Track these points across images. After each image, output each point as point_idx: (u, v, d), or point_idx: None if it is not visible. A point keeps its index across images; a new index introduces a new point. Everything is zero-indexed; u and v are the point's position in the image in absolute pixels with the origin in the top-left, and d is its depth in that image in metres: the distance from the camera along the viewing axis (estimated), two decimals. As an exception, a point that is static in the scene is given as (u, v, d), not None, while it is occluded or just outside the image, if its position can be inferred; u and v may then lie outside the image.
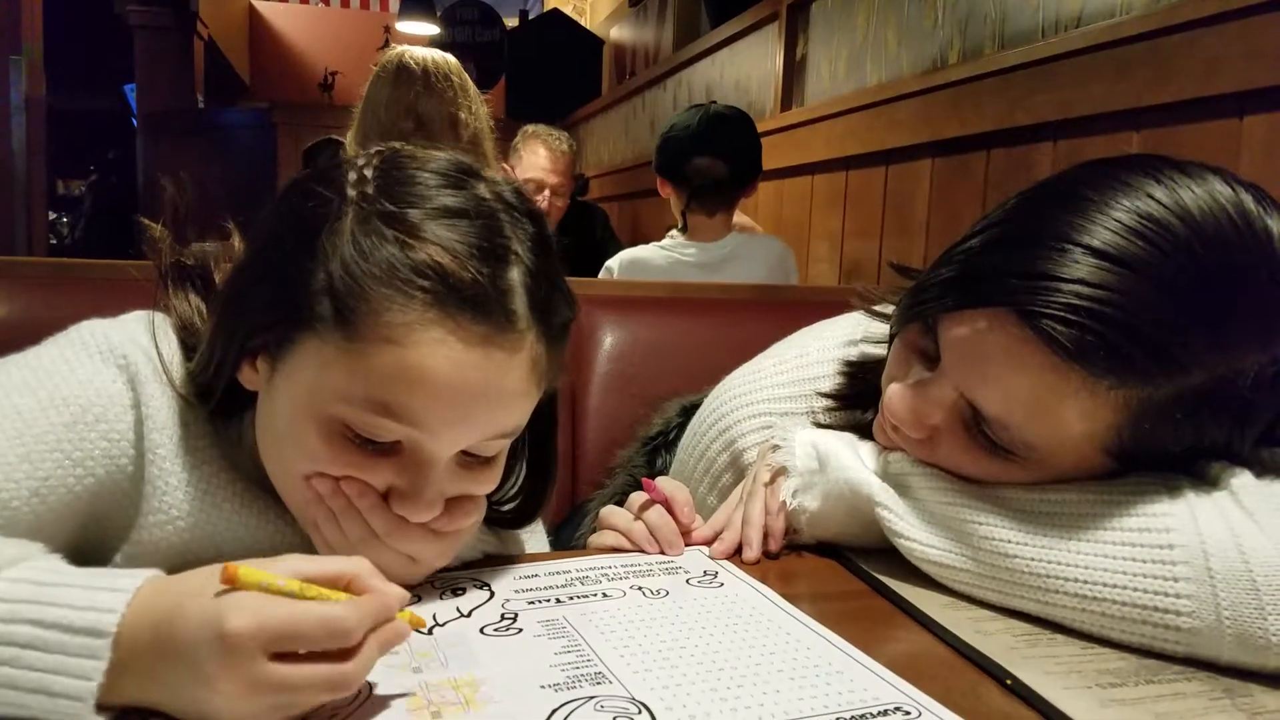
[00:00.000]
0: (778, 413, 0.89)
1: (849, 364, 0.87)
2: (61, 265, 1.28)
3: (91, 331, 0.69)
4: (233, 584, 0.48)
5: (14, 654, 0.47)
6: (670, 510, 0.77)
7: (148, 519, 0.66)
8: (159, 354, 0.68)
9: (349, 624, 0.49)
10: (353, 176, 0.63)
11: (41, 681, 0.46)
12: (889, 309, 0.81)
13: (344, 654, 0.49)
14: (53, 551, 0.57)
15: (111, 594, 0.48)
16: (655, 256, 2.21)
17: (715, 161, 2.15)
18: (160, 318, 0.71)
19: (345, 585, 0.52)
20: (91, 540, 0.67)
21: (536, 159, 2.86)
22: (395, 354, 0.58)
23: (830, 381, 0.88)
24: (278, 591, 0.48)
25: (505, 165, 2.96)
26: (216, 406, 0.69)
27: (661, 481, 0.78)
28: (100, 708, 0.47)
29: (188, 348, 0.70)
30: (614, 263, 2.25)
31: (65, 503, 0.64)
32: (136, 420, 0.66)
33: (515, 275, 0.61)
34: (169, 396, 0.68)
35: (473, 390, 0.60)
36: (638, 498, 0.79)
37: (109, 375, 0.67)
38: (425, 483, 0.62)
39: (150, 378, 0.67)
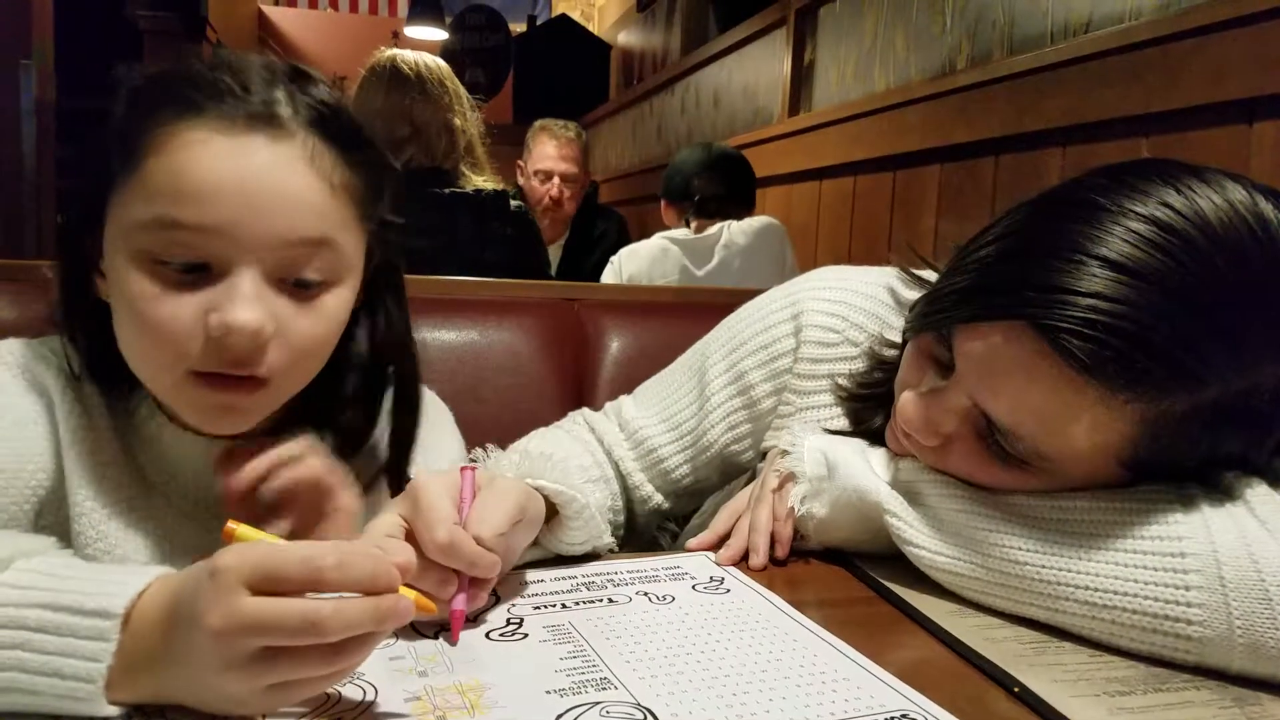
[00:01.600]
0: (850, 319, 0.89)
1: (875, 354, 0.86)
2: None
3: (10, 350, 0.71)
4: (229, 539, 0.49)
5: (25, 637, 0.47)
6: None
7: (78, 540, 0.68)
8: (65, 353, 0.71)
9: (328, 561, 0.47)
10: (125, 74, 0.70)
11: (50, 664, 0.46)
12: (927, 273, 0.81)
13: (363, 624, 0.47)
14: (65, 548, 0.57)
15: (121, 583, 0.49)
16: (651, 241, 2.38)
17: (717, 181, 2.40)
18: (59, 309, 0.73)
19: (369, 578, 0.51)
20: None
21: (544, 149, 2.91)
22: (164, 163, 0.63)
23: (890, 311, 0.88)
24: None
25: (519, 163, 3.00)
26: (115, 377, 0.70)
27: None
28: (114, 702, 0.47)
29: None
30: (615, 257, 2.39)
31: (27, 499, 0.67)
32: (56, 435, 0.68)
33: (282, 93, 0.66)
34: (77, 410, 0.69)
35: (246, 178, 0.63)
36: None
37: (34, 394, 0.69)
38: (236, 292, 0.63)
39: (60, 393, 0.69)
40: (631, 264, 2.33)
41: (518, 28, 6.60)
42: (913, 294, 0.82)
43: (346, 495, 0.68)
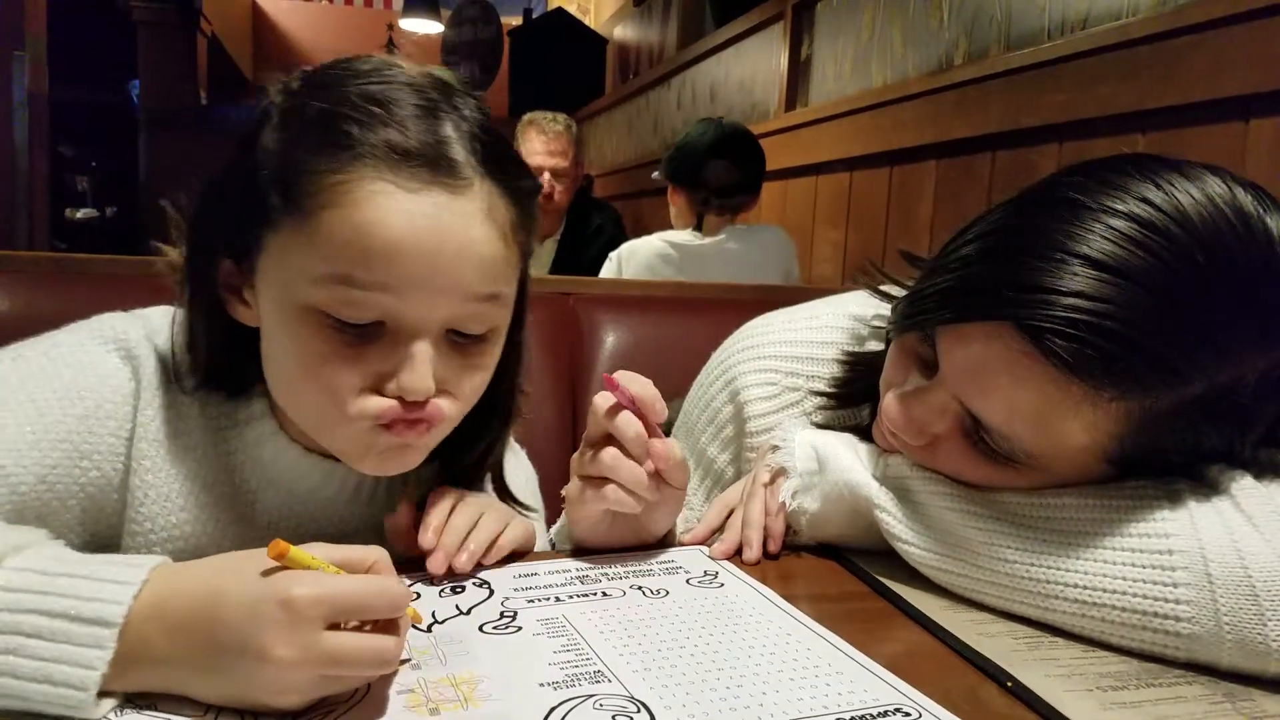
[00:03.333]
0: (783, 370, 0.89)
1: (850, 354, 0.86)
2: (63, 260, 1.27)
3: (112, 325, 0.69)
4: (282, 560, 0.49)
5: (19, 643, 0.46)
6: (639, 412, 0.69)
7: (130, 527, 0.68)
8: (173, 353, 0.69)
9: (401, 595, 0.51)
10: (278, 87, 0.65)
11: (44, 670, 0.46)
12: (894, 289, 0.80)
13: (385, 630, 0.50)
14: (56, 539, 0.57)
15: (116, 585, 0.48)
16: (653, 242, 2.32)
17: (730, 167, 2.29)
18: (181, 314, 0.70)
19: (367, 570, 0.53)
20: (99, 530, 0.68)
21: (532, 145, 2.86)
22: (342, 217, 0.59)
23: (835, 349, 0.88)
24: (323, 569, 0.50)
25: None
26: (227, 388, 0.69)
27: (624, 377, 0.70)
28: (103, 694, 0.47)
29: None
30: (615, 254, 2.34)
31: (71, 493, 0.65)
32: (133, 426, 0.67)
33: (450, 129, 0.62)
34: (167, 404, 0.69)
35: (428, 238, 0.59)
36: (603, 401, 0.70)
37: (123, 374, 0.68)
38: (412, 356, 0.61)
39: (154, 383, 0.68)
40: (630, 266, 2.29)
41: (513, 21, 6.58)
42: (883, 309, 0.82)
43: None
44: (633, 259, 2.30)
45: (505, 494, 0.80)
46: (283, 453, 0.71)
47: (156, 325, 0.71)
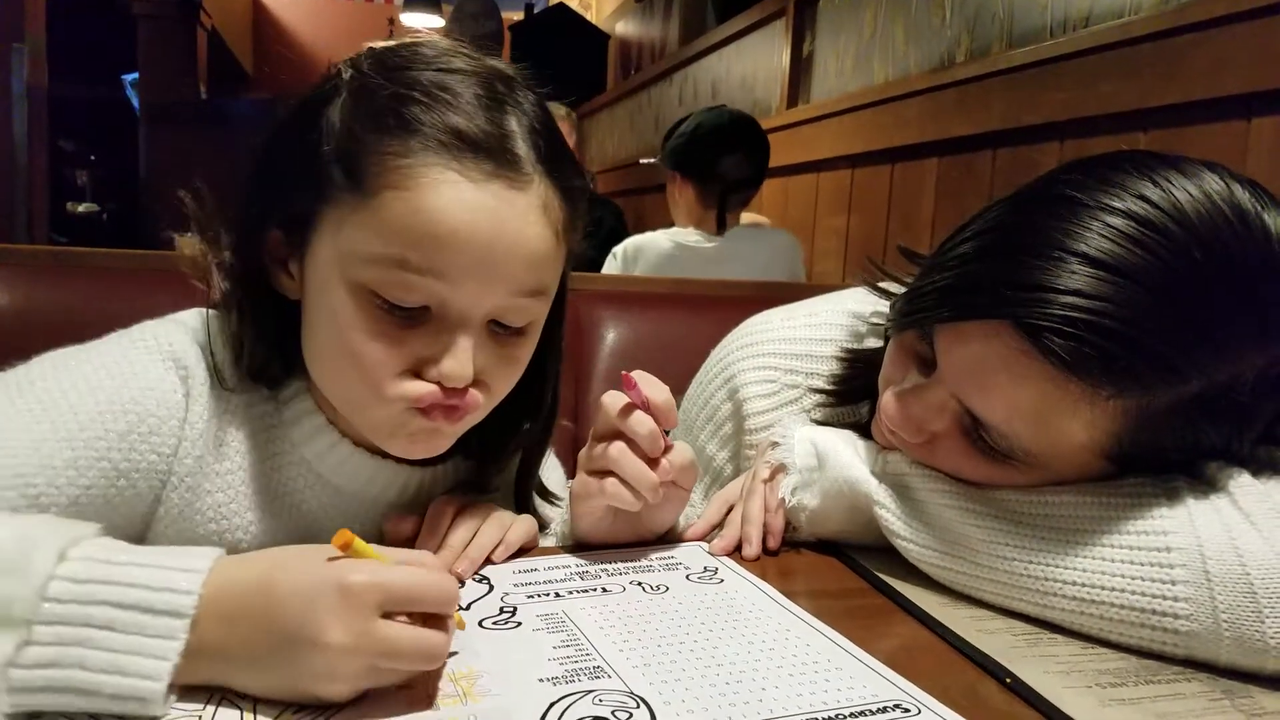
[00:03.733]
0: (782, 367, 0.89)
1: (849, 351, 0.86)
2: (62, 254, 1.27)
3: (156, 335, 0.68)
4: (346, 550, 0.50)
5: (88, 634, 0.46)
6: (651, 413, 0.70)
7: (157, 529, 0.67)
8: (213, 357, 0.68)
9: (453, 591, 0.52)
10: (347, 64, 0.65)
11: (116, 662, 0.46)
12: (893, 287, 0.80)
13: (432, 626, 0.51)
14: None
15: (186, 574, 0.48)
16: (660, 240, 2.24)
17: (744, 161, 2.22)
18: (214, 316, 0.70)
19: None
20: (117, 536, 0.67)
21: None
22: (404, 200, 0.59)
23: (834, 347, 0.88)
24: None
25: None
26: (270, 377, 0.69)
27: (642, 380, 0.70)
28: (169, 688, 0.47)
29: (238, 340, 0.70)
30: (619, 249, 2.26)
31: (100, 513, 0.63)
32: (178, 442, 0.66)
33: (514, 122, 0.62)
34: (214, 412, 0.68)
35: (486, 230, 0.60)
36: (615, 400, 0.70)
37: (170, 384, 0.66)
38: (456, 344, 0.62)
39: (203, 392, 0.67)
40: (637, 266, 2.23)
41: (515, 16, 6.57)
42: (881, 307, 0.82)
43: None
44: (639, 258, 2.24)
45: (542, 492, 0.80)
46: (332, 449, 0.70)
47: (196, 328, 0.70)
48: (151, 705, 0.46)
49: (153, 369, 0.66)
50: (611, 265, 2.31)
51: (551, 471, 0.87)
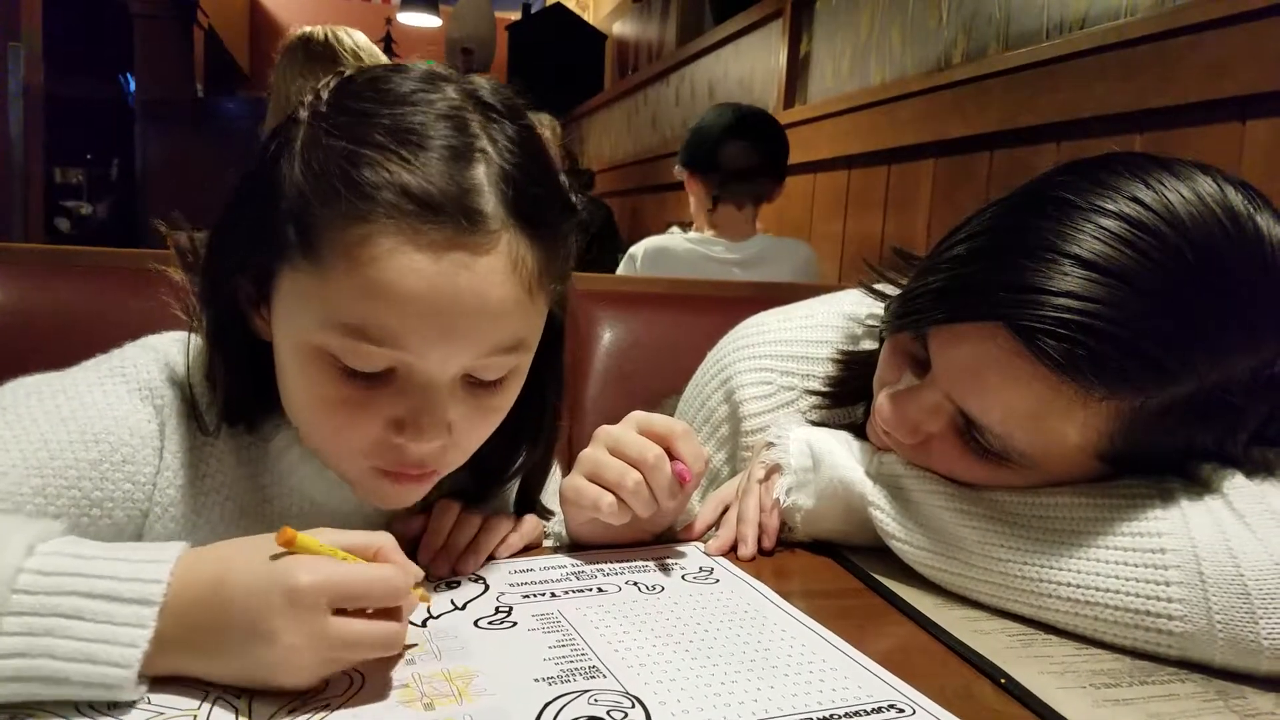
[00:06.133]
0: (778, 369, 0.90)
1: (845, 353, 0.86)
2: (58, 253, 1.27)
3: (135, 364, 0.67)
4: (290, 547, 0.50)
5: (56, 624, 0.46)
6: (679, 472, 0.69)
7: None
8: (191, 390, 0.67)
9: (401, 584, 0.52)
10: (309, 99, 0.61)
11: (85, 650, 0.46)
12: (888, 288, 0.81)
13: (388, 615, 0.51)
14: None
15: (154, 564, 0.49)
16: (680, 247, 2.18)
17: (747, 148, 2.15)
18: (195, 341, 0.69)
19: (373, 556, 0.54)
20: None
21: None
22: (356, 272, 0.56)
23: (830, 348, 0.88)
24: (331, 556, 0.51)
25: None
26: (248, 418, 0.68)
27: (690, 456, 0.70)
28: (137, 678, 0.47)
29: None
30: (638, 250, 2.20)
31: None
32: (157, 467, 0.66)
33: (481, 173, 0.57)
34: (192, 444, 0.67)
35: (445, 301, 0.56)
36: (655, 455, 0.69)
37: (144, 415, 0.65)
38: (424, 408, 0.59)
39: (178, 423, 0.66)
40: (657, 269, 2.14)
41: (512, 16, 6.56)
42: (877, 308, 0.82)
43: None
44: (659, 263, 2.15)
45: (542, 512, 0.80)
46: (321, 474, 0.69)
47: (173, 358, 0.69)
48: (121, 692, 0.47)
49: (126, 400, 0.65)
50: (629, 266, 2.23)
51: (551, 482, 0.86)
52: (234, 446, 0.69)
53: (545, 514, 0.81)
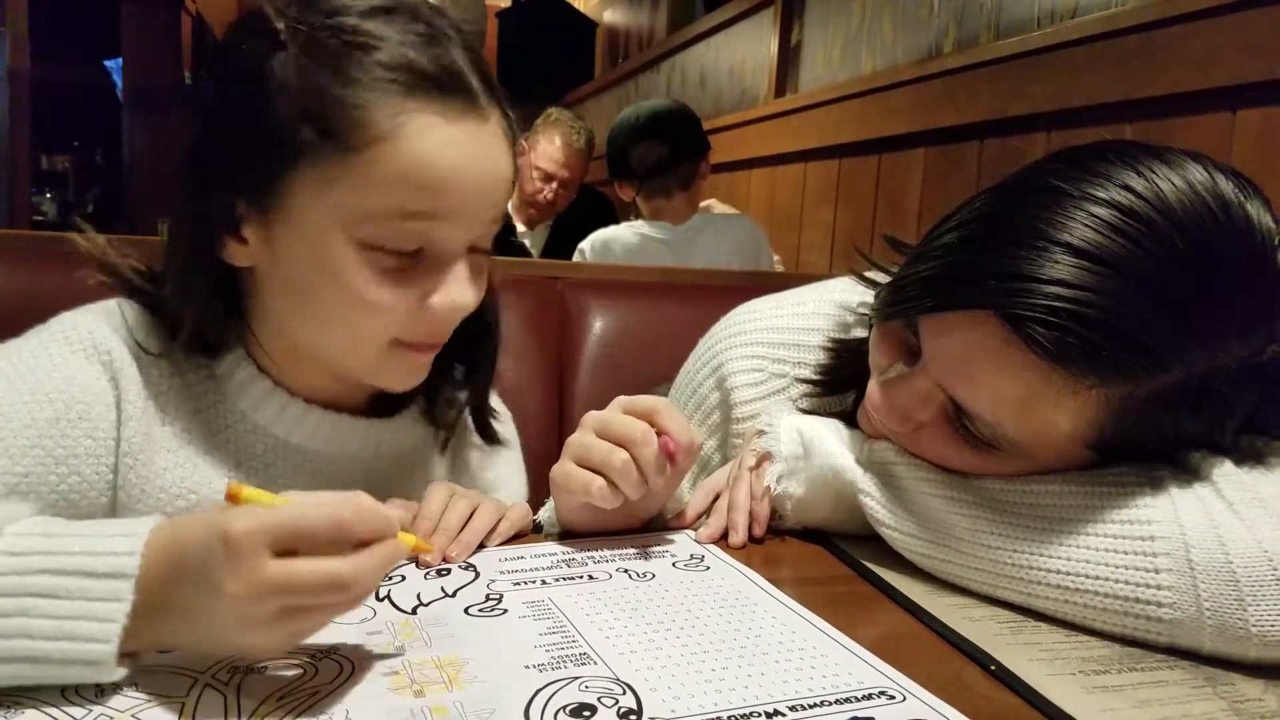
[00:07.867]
0: (769, 357, 0.90)
1: (836, 341, 0.86)
2: (45, 238, 1.26)
3: (74, 325, 0.68)
4: (235, 500, 0.49)
5: (31, 604, 0.46)
6: (671, 452, 0.69)
7: (150, 502, 0.67)
8: (129, 331, 0.68)
9: (349, 517, 0.49)
10: (270, 12, 0.65)
11: (62, 628, 0.46)
12: (879, 276, 0.80)
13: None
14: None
15: (125, 538, 0.48)
16: (625, 234, 2.27)
17: (655, 144, 2.25)
18: (125, 301, 0.71)
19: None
20: None
21: (552, 149, 2.83)
22: (394, 149, 0.61)
23: (821, 336, 0.88)
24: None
25: (523, 142, 2.95)
26: (204, 349, 0.70)
27: (675, 430, 0.69)
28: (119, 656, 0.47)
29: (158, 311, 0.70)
30: (585, 244, 2.28)
31: (49, 502, 0.63)
32: (117, 420, 0.66)
33: (459, 54, 0.65)
34: (150, 394, 0.68)
35: (470, 167, 0.64)
36: (649, 439, 0.69)
37: (94, 372, 0.66)
38: (454, 277, 0.66)
39: (130, 373, 0.67)
40: (606, 260, 2.22)
41: (503, 3, 6.52)
42: (868, 296, 0.82)
43: None
44: (607, 253, 2.24)
45: (488, 431, 0.85)
46: (285, 409, 0.71)
47: (112, 316, 0.70)
48: (102, 670, 0.46)
49: (73, 359, 0.66)
50: (577, 260, 2.30)
51: (514, 476, 0.90)
52: (193, 393, 0.70)
53: (492, 428, 0.85)
